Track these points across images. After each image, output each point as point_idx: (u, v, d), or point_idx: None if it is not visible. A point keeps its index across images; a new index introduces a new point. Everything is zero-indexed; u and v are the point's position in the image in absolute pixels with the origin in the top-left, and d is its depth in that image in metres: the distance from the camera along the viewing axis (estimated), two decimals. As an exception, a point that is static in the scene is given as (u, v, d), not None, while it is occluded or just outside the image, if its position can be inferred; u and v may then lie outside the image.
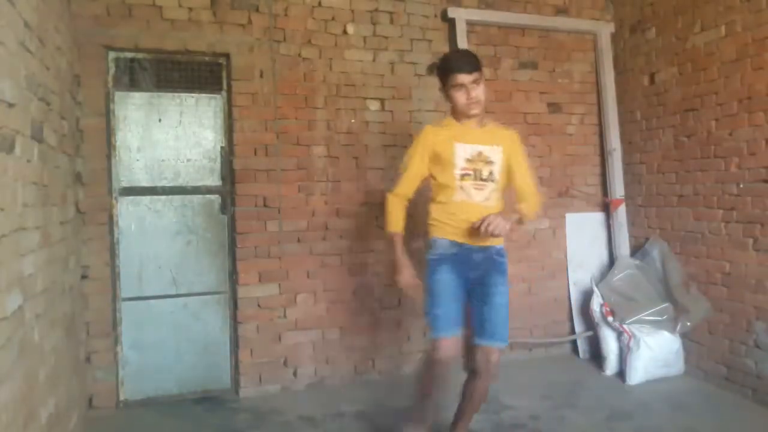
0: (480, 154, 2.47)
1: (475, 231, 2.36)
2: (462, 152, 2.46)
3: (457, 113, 2.51)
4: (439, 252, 2.50)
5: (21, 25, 1.92)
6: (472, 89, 2.41)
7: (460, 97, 2.43)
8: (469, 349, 2.53)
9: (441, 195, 2.52)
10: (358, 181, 3.70)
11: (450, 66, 2.44)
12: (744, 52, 3.23)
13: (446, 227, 2.50)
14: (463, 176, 2.46)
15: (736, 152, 3.31)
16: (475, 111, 2.45)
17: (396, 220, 2.58)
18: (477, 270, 2.48)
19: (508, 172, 2.54)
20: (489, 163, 2.48)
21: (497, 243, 2.50)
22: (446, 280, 2.45)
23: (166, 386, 3.42)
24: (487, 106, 3.95)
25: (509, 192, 2.60)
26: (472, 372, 2.51)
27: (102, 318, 3.23)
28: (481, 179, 2.47)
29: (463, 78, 2.40)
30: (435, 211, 2.54)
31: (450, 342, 2.40)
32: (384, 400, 3.33)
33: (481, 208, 2.43)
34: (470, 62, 2.43)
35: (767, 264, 3.14)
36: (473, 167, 2.46)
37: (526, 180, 2.57)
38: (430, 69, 2.62)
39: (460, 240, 2.47)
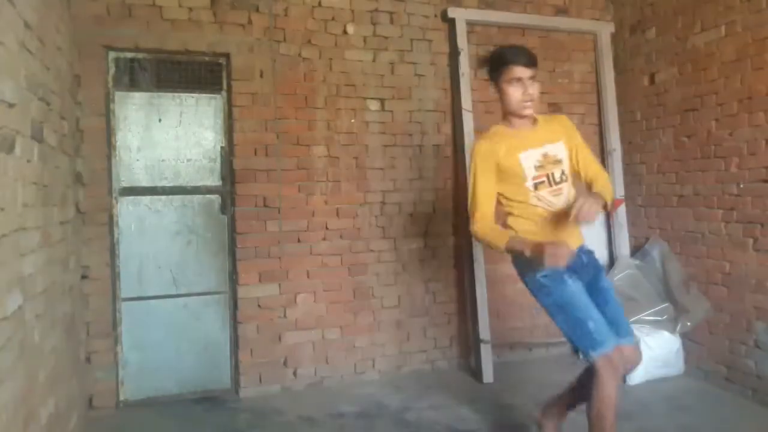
0: (546, 156, 2.25)
1: (561, 219, 2.14)
2: (528, 161, 2.23)
3: (508, 113, 2.30)
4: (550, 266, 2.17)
5: (21, 25, 1.92)
6: (529, 85, 2.20)
7: (515, 92, 2.20)
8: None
9: (516, 211, 2.29)
10: (358, 181, 3.70)
11: (507, 58, 2.22)
12: (744, 52, 3.23)
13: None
14: (537, 185, 2.24)
15: (736, 152, 3.30)
16: (528, 111, 2.24)
17: (498, 234, 2.23)
18: (588, 272, 2.29)
19: (575, 162, 2.33)
20: (558, 162, 2.27)
21: (584, 240, 2.35)
22: (578, 289, 2.20)
23: (166, 386, 3.42)
24: (488, 107, 3.99)
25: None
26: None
27: (102, 318, 3.23)
28: (556, 183, 2.25)
29: (521, 71, 2.18)
30: (520, 229, 2.27)
31: (614, 355, 2.14)
32: (384, 400, 3.33)
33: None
34: (529, 56, 2.22)
35: (767, 264, 3.14)
36: (545, 173, 2.24)
37: (593, 165, 2.33)
38: (482, 62, 2.46)
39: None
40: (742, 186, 3.27)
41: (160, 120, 3.42)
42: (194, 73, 3.48)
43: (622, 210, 4.14)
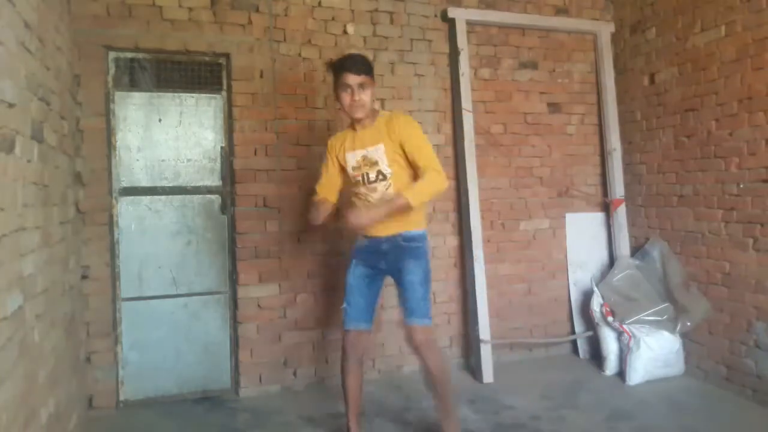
0: (364, 158, 2.57)
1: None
2: (351, 160, 2.61)
3: (346, 115, 2.60)
4: (355, 245, 2.71)
5: (21, 25, 1.92)
6: (357, 92, 2.47)
7: (345, 97, 2.50)
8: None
9: (353, 198, 2.69)
10: (358, 181, 3.70)
11: (339, 65, 2.52)
12: (744, 52, 3.23)
13: None
14: (355, 183, 2.62)
15: (736, 152, 3.30)
16: (358, 114, 2.52)
17: (312, 214, 2.76)
18: (386, 259, 2.60)
19: (409, 158, 2.53)
20: (374, 164, 2.56)
21: (405, 230, 2.55)
22: (355, 274, 2.66)
23: (166, 386, 3.42)
24: (488, 107, 3.99)
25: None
26: None
27: (102, 318, 3.23)
28: (369, 182, 2.58)
29: (350, 78, 2.47)
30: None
31: (351, 335, 2.63)
32: (384, 400, 3.33)
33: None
34: (359, 64, 2.50)
35: (767, 264, 3.14)
36: (360, 173, 2.59)
37: (418, 159, 2.49)
38: (328, 66, 2.63)
39: (369, 234, 2.60)
40: (742, 186, 3.27)
41: (160, 120, 3.42)
42: (194, 73, 3.48)
43: (622, 210, 4.14)
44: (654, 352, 3.50)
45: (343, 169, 2.68)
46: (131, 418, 3.19)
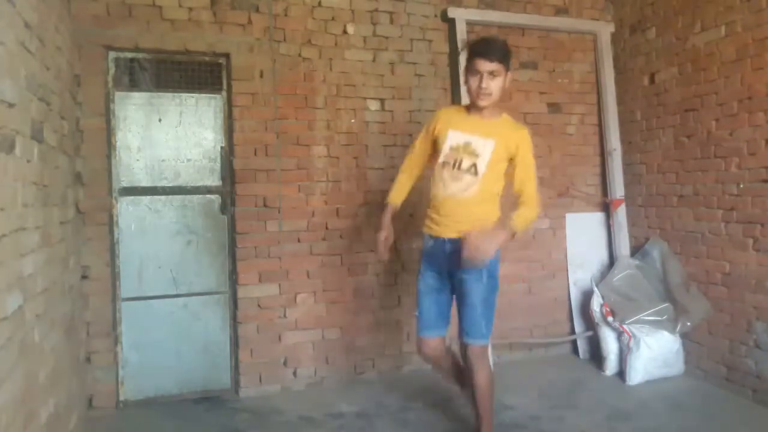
0: (468, 145, 2.44)
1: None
2: (452, 139, 2.48)
3: (469, 100, 2.48)
4: (423, 248, 2.66)
5: (21, 25, 1.92)
6: (486, 79, 2.34)
7: (473, 82, 2.38)
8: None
9: (435, 174, 2.56)
10: (358, 181, 3.70)
11: (474, 49, 2.39)
12: (744, 52, 3.23)
13: (429, 221, 2.61)
14: (443, 164, 2.49)
15: (736, 152, 3.31)
16: (483, 103, 2.39)
17: (394, 187, 2.76)
18: (450, 262, 2.50)
19: (511, 173, 2.47)
20: (473, 155, 2.43)
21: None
22: (425, 278, 2.62)
23: (166, 386, 3.42)
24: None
25: (507, 195, 2.54)
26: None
27: (102, 318, 3.23)
28: (459, 169, 2.44)
29: (482, 65, 2.33)
30: (432, 189, 2.59)
31: (425, 342, 2.66)
32: (384, 400, 3.34)
33: (453, 202, 2.46)
34: (495, 51, 2.35)
35: (767, 264, 3.14)
36: (454, 156, 2.46)
37: (524, 183, 2.45)
38: (462, 46, 2.59)
39: (434, 234, 2.56)
40: (742, 186, 3.27)
41: (160, 120, 3.42)
42: (194, 73, 3.48)
43: (622, 210, 4.14)
44: (654, 352, 3.50)
45: (434, 145, 2.57)
46: (131, 418, 3.19)
